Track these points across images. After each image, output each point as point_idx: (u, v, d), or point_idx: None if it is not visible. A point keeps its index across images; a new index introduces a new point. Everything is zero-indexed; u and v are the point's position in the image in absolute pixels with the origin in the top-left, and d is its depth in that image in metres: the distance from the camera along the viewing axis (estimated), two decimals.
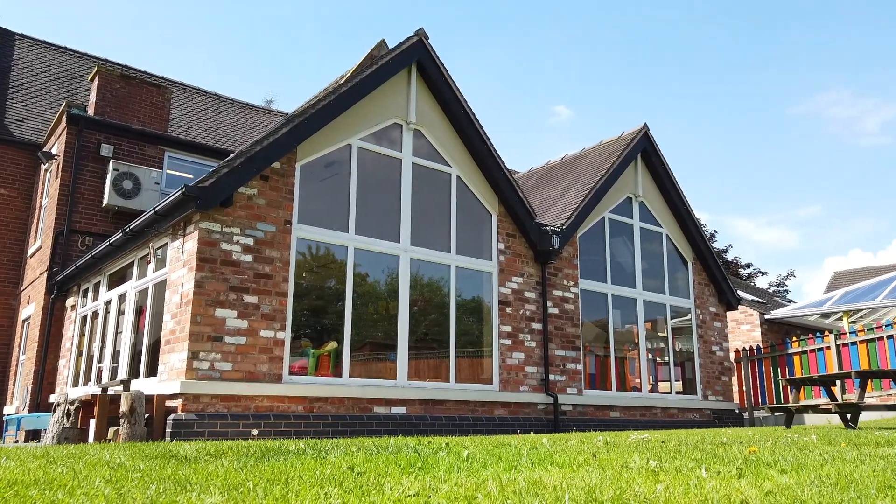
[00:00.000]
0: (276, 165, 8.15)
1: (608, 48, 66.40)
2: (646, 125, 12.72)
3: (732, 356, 15.12)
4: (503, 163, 10.19)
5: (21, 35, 16.98)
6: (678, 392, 12.49)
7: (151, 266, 8.86)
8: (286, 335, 7.86)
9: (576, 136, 68.52)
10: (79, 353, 11.12)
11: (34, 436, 10.25)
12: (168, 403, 7.25)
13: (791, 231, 66.86)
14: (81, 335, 11.21)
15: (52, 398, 10.82)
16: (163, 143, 13.24)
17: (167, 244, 8.31)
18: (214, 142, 15.17)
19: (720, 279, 13.48)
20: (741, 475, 2.92)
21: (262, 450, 4.43)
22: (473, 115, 9.96)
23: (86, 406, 7.79)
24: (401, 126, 9.53)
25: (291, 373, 7.92)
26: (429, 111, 9.81)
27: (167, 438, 6.86)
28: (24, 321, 13.10)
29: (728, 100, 65.96)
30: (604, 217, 11.92)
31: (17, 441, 10.16)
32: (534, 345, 10.21)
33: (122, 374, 9.09)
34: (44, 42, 17.17)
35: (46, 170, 13.30)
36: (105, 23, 64.56)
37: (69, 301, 11.85)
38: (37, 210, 13.48)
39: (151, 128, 13.23)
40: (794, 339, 14.31)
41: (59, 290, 11.85)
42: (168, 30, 68.11)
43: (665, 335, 12.63)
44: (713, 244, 35.49)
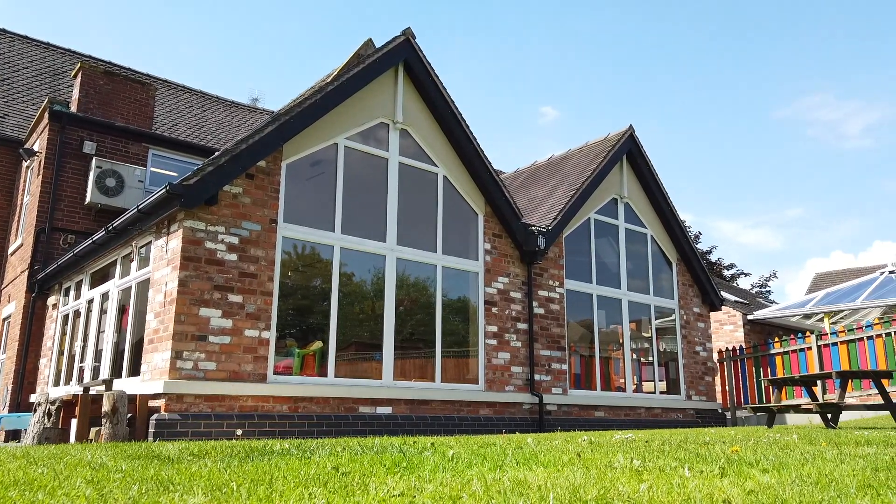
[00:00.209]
0: (262, 164, 8.11)
1: (595, 49, 66.73)
2: (631, 126, 12.80)
3: (716, 356, 15.26)
4: (490, 163, 10.21)
5: (2, 30, 16.76)
6: (662, 392, 12.58)
7: (135, 265, 8.78)
8: (271, 335, 7.82)
9: (562, 137, 68.79)
10: (60, 353, 11.00)
11: (14, 436, 10.13)
12: (151, 403, 7.19)
13: (775, 233, 67.58)
14: (63, 334, 11.09)
15: (33, 398, 10.65)
16: (147, 141, 13.12)
17: (151, 243, 8.24)
18: (199, 140, 15.07)
19: (704, 280, 13.59)
20: (724, 474, 2.94)
21: (247, 450, 4.40)
22: (460, 115, 9.97)
23: (67, 406, 7.70)
24: (387, 125, 9.51)
25: (276, 372, 7.89)
26: (416, 111, 9.80)
27: (150, 439, 6.80)
28: (5, 320, 12.93)
29: (714, 102, 66.53)
30: (589, 218, 11.98)
31: None
32: (519, 345, 10.23)
33: (105, 374, 9.00)
34: (26, 37, 16.95)
35: (28, 167, 13.14)
36: (89, 19, 63.87)
37: (51, 300, 11.72)
38: (18, 207, 13.31)
39: (135, 125, 13.11)
40: (777, 340, 14.46)
41: (41, 289, 11.72)
42: (153, 27, 67.53)
43: (649, 335, 12.71)
44: (697, 245, 35.77)
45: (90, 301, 10.18)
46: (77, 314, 10.64)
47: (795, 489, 2.49)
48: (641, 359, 12.63)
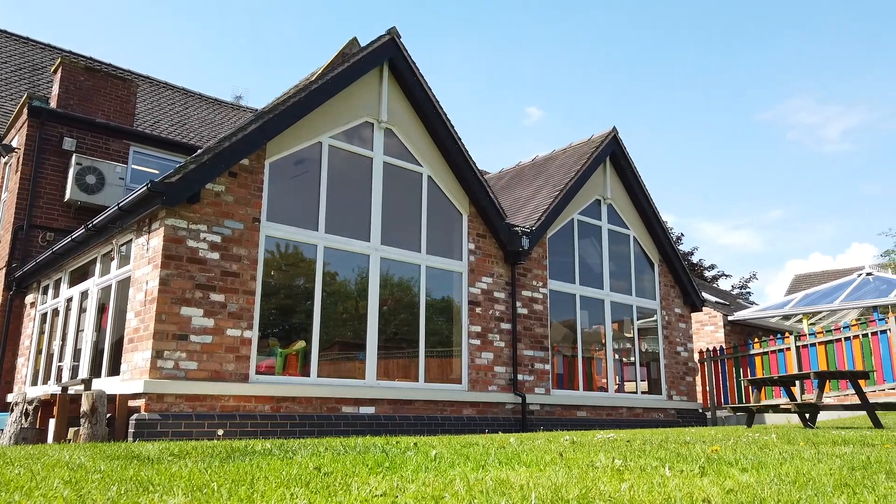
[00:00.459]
0: (245, 162, 8.05)
1: (580, 51, 67.04)
2: (615, 128, 12.88)
3: (696, 357, 15.41)
4: (474, 163, 10.23)
5: None
6: (644, 392, 12.68)
7: (115, 263, 8.68)
8: (253, 334, 7.77)
9: (547, 138, 69.06)
10: (38, 352, 10.85)
11: None
12: (131, 403, 7.11)
13: (755, 234, 68.35)
14: (41, 333, 10.94)
15: (10, 397, 10.49)
16: (128, 138, 12.98)
17: (132, 241, 8.15)
18: (181, 137, 14.91)
19: (685, 281, 13.71)
20: (703, 474, 2.97)
21: (228, 450, 4.37)
22: (445, 115, 9.98)
23: (45, 406, 7.60)
24: (372, 125, 9.49)
25: (258, 372, 7.84)
26: (400, 110, 9.79)
27: (130, 439, 6.73)
28: None
29: (697, 104, 67.13)
30: (573, 218, 12.04)
31: None
32: (503, 345, 10.26)
33: (84, 373, 8.89)
34: (4, 31, 16.69)
35: (6, 163, 12.94)
36: (69, 14, 63.04)
37: (28, 298, 11.55)
38: None
39: (116, 122, 12.96)
40: (756, 341, 14.63)
41: (18, 287, 11.55)
42: (135, 23, 66.81)
43: (631, 336, 12.81)
44: (679, 247, 36.08)
45: (69, 299, 10.05)
46: (56, 313, 10.50)
47: (774, 488, 2.52)
48: (623, 359, 12.72)
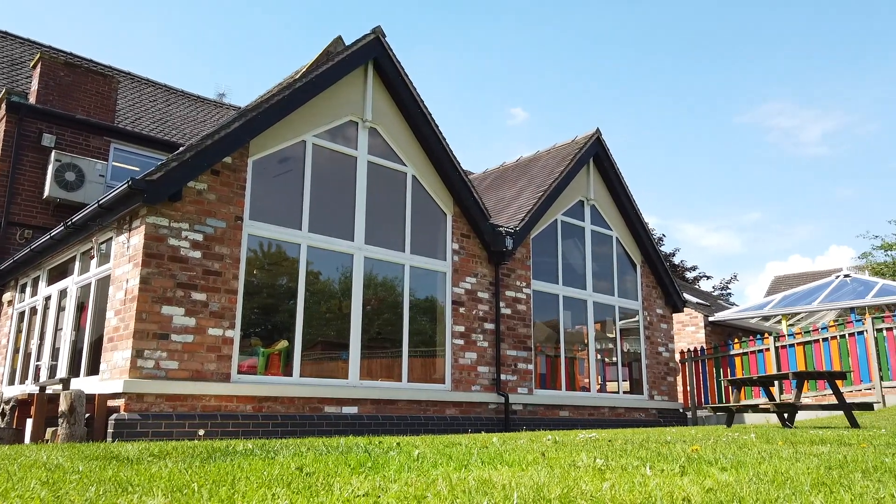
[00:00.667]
0: (228, 160, 7.99)
1: (565, 53, 67.33)
2: (598, 130, 12.95)
3: (677, 357, 15.54)
4: (459, 163, 10.24)
5: None
6: (625, 392, 12.77)
7: (95, 261, 8.58)
8: (235, 333, 7.71)
9: (532, 139, 69.30)
10: (15, 351, 10.69)
11: None
12: (110, 403, 7.03)
13: (736, 236, 69.09)
14: (19, 332, 10.78)
15: None
16: (109, 135, 12.83)
17: (112, 239, 8.06)
18: (163, 134, 14.76)
19: (667, 282, 13.82)
20: (684, 473, 3.00)
21: (209, 450, 4.34)
22: (429, 115, 9.97)
23: (22, 405, 7.49)
24: (356, 124, 9.46)
25: (240, 372, 7.78)
26: (385, 110, 9.77)
27: (109, 439, 6.65)
28: None
29: (679, 107, 67.70)
30: (556, 219, 12.09)
31: None
32: (486, 345, 10.28)
33: (62, 373, 8.78)
34: None
35: None
36: (49, 8, 62.16)
37: (6, 296, 11.38)
38: None
39: (97, 118, 12.81)
40: (736, 341, 14.79)
41: None
42: (116, 18, 66.04)
43: (613, 336, 12.89)
44: (661, 248, 36.36)
45: (47, 298, 9.92)
46: (34, 311, 10.36)
47: (752, 487, 2.55)
48: (605, 359, 12.80)
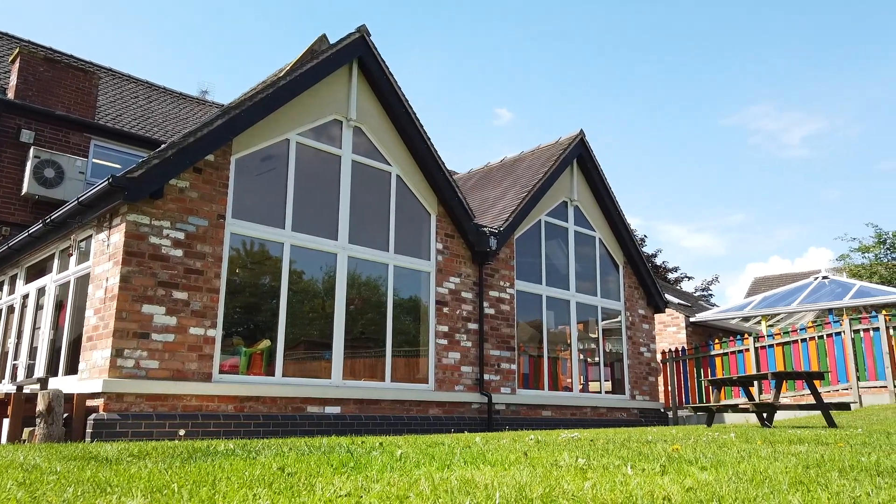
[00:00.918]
0: (210, 158, 7.93)
1: (549, 53, 67.58)
2: (582, 131, 13.02)
3: (659, 357, 15.67)
4: (443, 163, 10.24)
5: None
6: (607, 392, 12.84)
7: (74, 259, 8.47)
8: (217, 333, 7.65)
9: (517, 139, 69.49)
10: None
11: None
12: (89, 403, 6.94)
13: (717, 238, 69.78)
14: None
15: None
16: (89, 131, 12.67)
17: (91, 236, 7.96)
18: (145, 131, 14.60)
19: (649, 283, 13.93)
20: (664, 472, 3.03)
21: (189, 450, 4.30)
22: (414, 115, 9.96)
23: None
24: (341, 123, 9.43)
25: (222, 371, 7.72)
26: (370, 109, 9.75)
27: (87, 439, 6.57)
28: None
29: (665, 109, 68.23)
30: (540, 220, 12.14)
31: None
32: (469, 345, 10.29)
33: (40, 372, 8.65)
34: None
35: None
36: (29, 2, 61.24)
37: None
38: None
39: (77, 114, 12.64)
40: (717, 342, 14.94)
41: None
42: (98, 13, 65.26)
43: (596, 336, 12.97)
44: (643, 249, 36.62)
45: (25, 296, 9.77)
46: (11, 310, 10.20)
47: (732, 486, 2.58)
48: (588, 359, 12.87)
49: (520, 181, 12.50)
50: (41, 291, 9.31)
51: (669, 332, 19.17)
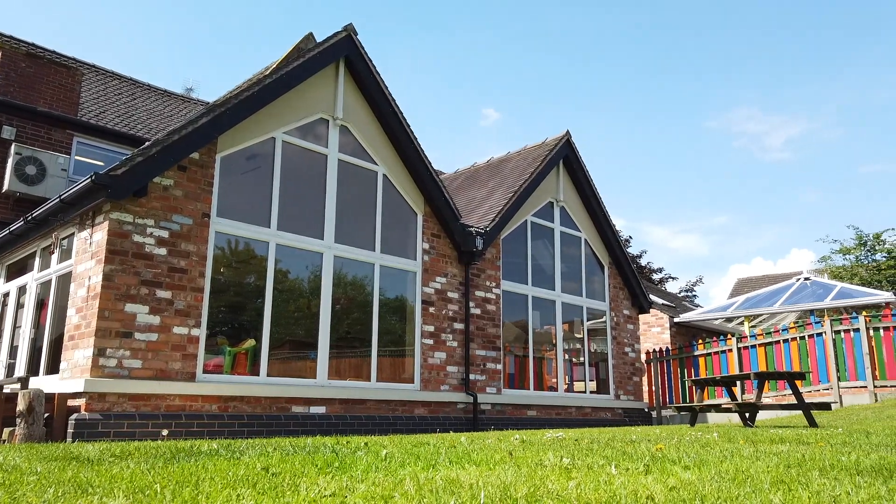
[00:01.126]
0: (195, 156, 7.87)
1: (536, 54, 67.74)
2: (568, 132, 13.08)
3: (643, 357, 15.77)
4: (430, 163, 10.24)
5: None
6: (592, 392, 12.91)
7: (55, 257, 8.37)
8: (201, 332, 7.60)
9: (504, 139, 69.60)
10: None
11: None
12: (71, 402, 6.87)
13: (701, 239, 70.33)
14: None
15: None
16: (71, 128, 12.52)
17: (74, 234, 7.87)
18: (128, 129, 14.46)
19: (634, 283, 14.01)
20: (648, 471, 3.05)
21: (173, 451, 4.27)
22: (401, 114, 9.95)
23: None
24: (327, 121, 9.40)
25: (206, 371, 7.67)
26: (356, 108, 9.72)
27: (69, 440, 6.50)
28: None
29: (650, 110, 68.63)
30: (526, 220, 12.17)
31: None
32: (455, 344, 10.30)
33: (20, 372, 8.55)
34: None
35: None
36: None
37: None
38: None
39: (59, 111, 12.49)
40: (700, 342, 15.07)
41: None
42: (81, 9, 64.53)
43: (581, 336, 13.02)
44: (628, 250, 36.80)
45: (6, 294, 9.65)
46: None
47: (714, 485, 2.60)
48: (573, 359, 12.92)
49: (506, 181, 12.53)
50: (22, 290, 9.20)
51: (654, 333, 19.29)
